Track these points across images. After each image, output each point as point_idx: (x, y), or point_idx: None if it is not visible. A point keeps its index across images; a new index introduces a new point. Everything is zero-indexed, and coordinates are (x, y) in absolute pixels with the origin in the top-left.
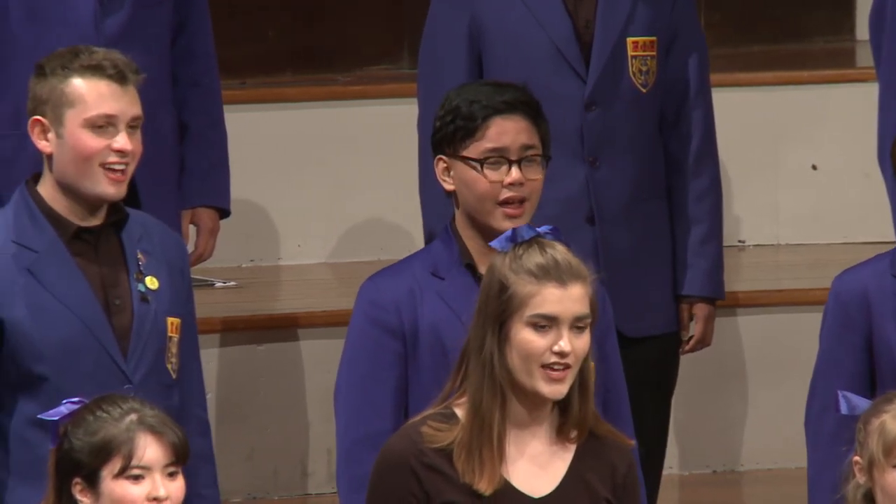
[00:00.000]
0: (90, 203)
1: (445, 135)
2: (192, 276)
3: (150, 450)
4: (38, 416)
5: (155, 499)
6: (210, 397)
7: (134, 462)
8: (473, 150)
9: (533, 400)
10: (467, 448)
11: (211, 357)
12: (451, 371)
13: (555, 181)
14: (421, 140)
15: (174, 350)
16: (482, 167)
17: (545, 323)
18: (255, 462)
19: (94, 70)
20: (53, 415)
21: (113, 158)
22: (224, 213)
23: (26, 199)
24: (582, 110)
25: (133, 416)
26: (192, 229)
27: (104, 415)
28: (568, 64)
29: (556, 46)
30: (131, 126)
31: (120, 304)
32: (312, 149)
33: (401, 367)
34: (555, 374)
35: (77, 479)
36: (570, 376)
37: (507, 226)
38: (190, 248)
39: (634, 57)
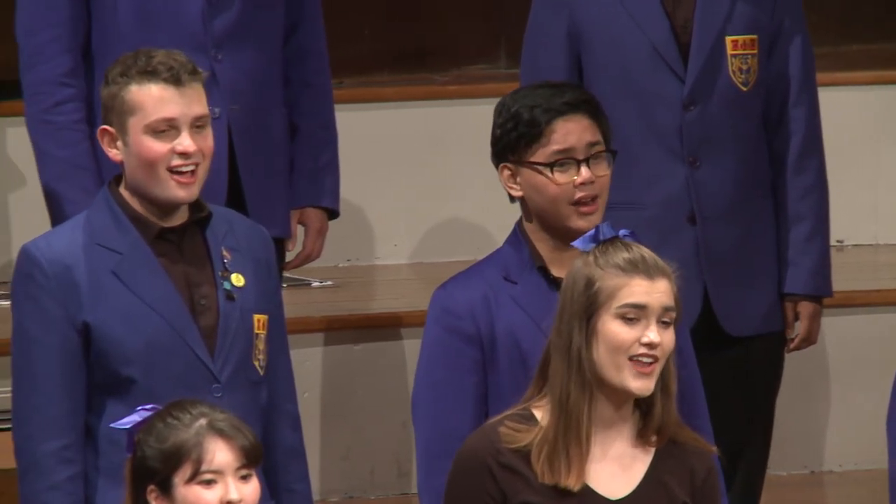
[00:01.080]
0: (164, 208)
1: (508, 142)
2: (291, 275)
3: (220, 454)
4: (111, 425)
5: (228, 502)
6: (307, 396)
7: (204, 467)
8: (540, 154)
9: (619, 397)
10: (551, 447)
11: (309, 356)
12: (533, 376)
13: (655, 182)
14: None
15: (261, 347)
16: (552, 171)
17: (634, 314)
18: (351, 461)
19: (149, 75)
20: (126, 423)
21: (178, 161)
22: (332, 213)
23: (109, 202)
24: (681, 110)
25: (202, 421)
26: (300, 229)
27: (174, 421)
28: (666, 64)
29: (654, 47)
30: (197, 126)
31: (206, 304)
32: (409, 149)
33: (479, 373)
34: (643, 368)
35: (151, 487)
36: (657, 371)
37: (583, 224)
38: (298, 248)
39: (734, 56)
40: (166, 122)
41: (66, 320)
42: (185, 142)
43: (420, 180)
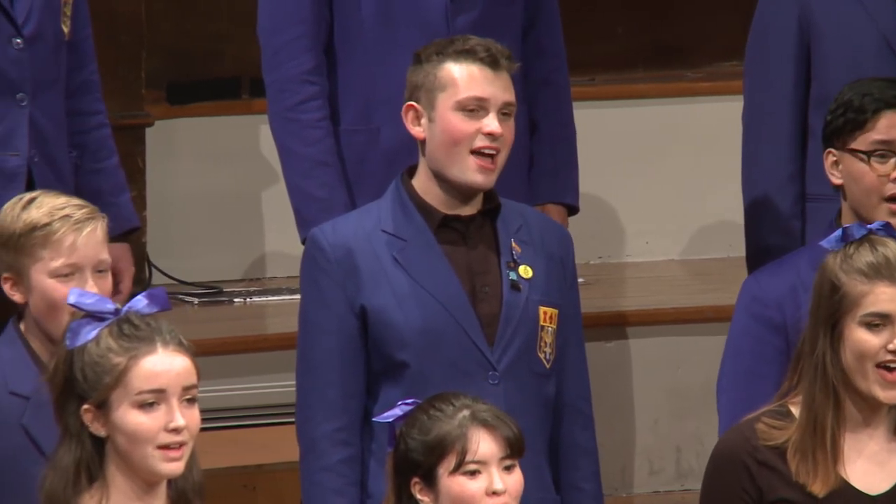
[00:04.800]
0: (459, 191)
1: (835, 128)
2: None
3: (483, 444)
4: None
5: (493, 493)
6: None
7: (468, 457)
8: (862, 142)
9: (869, 404)
10: (801, 449)
11: None
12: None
13: None
14: (744, 133)
15: (548, 339)
16: (869, 159)
17: (878, 322)
18: (603, 459)
19: (467, 54)
20: (388, 417)
21: (482, 143)
22: (572, 209)
23: (399, 191)
24: None
25: (465, 412)
26: None
27: (437, 413)
28: None
29: (885, 39)
30: (503, 112)
31: (489, 292)
32: (661, 145)
33: (783, 363)
34: (890, 374)
35: (415, 479)
36: None
37: (894, 222)
38: None
39: None
40: (477, 100)
41: (346, 304)
42: (493, 124)
43: (672, 177)
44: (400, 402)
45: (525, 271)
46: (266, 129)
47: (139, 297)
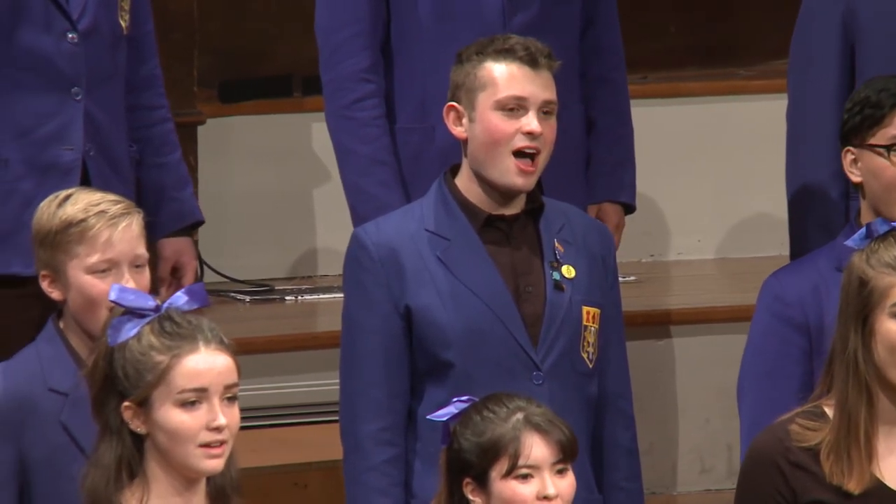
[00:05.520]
0: (501, 193)
1: (853, 125)
2: None
3: (536, 448)
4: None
5: (545, 497)
6: None
7: (521, 462)
8: (880, 137)
9: None
10: (835, 449)
11: None
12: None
13: None
14: (788, 131)
15: (591, 339)
16: (889, 154)
17: None
18: (654, 457)
19: (506, 54)
20: (442, 415)
21: (523, 143)
22: (629, 208)
23: (442, 190)
24: None
25: (519, 416)
26: None
27: (491, 414)
28: None
29: None
30: (544, 111)
31: (532, 292)
32: (713, 143)
33: (805, 363)
34: None
35: (468, 480)
36: None
37: None
38: None
39: None
40: (516, 100)
41: (390, 303)
42: (532, 123)
43: (724, 175)
44: (455, 400)
45: (568, 271)
46: (317, 127)
47: (178, 293)
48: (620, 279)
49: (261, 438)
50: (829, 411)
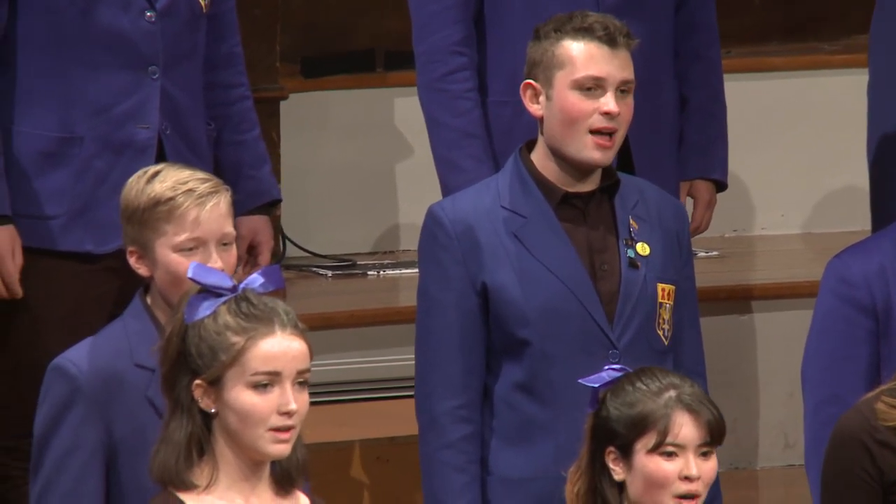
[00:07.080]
0: (577, 168)
1: None
2: None
3: (685, 428)
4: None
5: (686, 478)
6: None
7: (669, 439)
8: None
9: None
10: None
11: None
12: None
13: None
14: (869, 105)
15: (666, 316)
16: None
17: None
18: (738, 432)
19: (584, 32)
20: (595, 381)
21: (600, 123)
22: (721, 185)
23: (518, 166)
24: None
25: (672, 393)
26: (688, 201)
27: (643, 387)
28: None
29: None
30: (621, 90)
31: (607, 269)
32: (797, 118)
33: (872, 344)
34: None
35: (611, 448)
36: None
37: None
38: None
39: None
40: (594, 79)
41: (466, 280)
42: (610, 103)
43: (807, 150)
44: (607, 367)
45: (643, 248)
46: (400, 102)
47: (255, 275)
48: (704, 254)
49: (343, 413)
50: None
